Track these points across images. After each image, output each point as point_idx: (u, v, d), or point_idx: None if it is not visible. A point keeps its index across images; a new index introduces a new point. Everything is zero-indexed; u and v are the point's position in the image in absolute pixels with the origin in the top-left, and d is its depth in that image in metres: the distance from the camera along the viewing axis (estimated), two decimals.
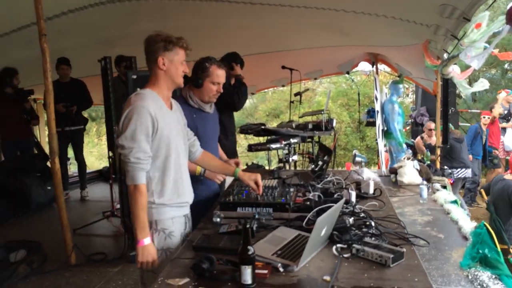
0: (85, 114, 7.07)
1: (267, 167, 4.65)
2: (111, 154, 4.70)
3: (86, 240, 4.61)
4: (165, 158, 2.08)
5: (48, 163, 5.88)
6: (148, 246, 2.00)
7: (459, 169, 7.05)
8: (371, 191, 2.71)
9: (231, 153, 3.70)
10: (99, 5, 4.44)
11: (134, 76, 3.92)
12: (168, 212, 2.12)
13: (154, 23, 5.00)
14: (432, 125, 7.22)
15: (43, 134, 8.65)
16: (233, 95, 3.68)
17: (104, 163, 11.63)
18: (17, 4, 4.16)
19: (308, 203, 2.28)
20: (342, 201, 2.01)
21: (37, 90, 5.99)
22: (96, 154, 15.44)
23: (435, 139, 7.18)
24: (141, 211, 1.98)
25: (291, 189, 2.52)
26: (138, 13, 4.69)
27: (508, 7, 2.51)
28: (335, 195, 2.50)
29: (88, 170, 8.47)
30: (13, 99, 5.84)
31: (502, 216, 5.03)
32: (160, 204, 2.09)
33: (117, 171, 4.32)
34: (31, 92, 6.04)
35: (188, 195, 2.24)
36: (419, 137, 7.38)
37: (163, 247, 2.11)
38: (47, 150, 5.68)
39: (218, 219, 2.26)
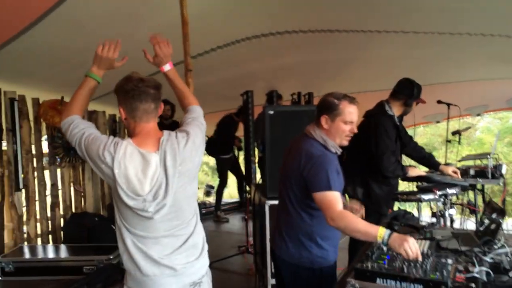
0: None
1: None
2: (247, 188, 4.65)
3: (219, 275, 4.56)
4: None
5: None
6: None
7: None
8: None
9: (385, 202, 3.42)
10: (245, 40, 4.47)
11: (271, 112, 3.47)
12: None
13: (296, 57, 4.88)
14: None
15: None
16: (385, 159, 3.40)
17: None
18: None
19: (474, 285, 1.74)
20: None
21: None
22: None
23: None
24: None
25: (449, 260, 1.98)
26: (280, 47, 4.60)
27: None
28: (511, 273, 1.89)
29: (230, 200, 8.74)
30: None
31: None
32: None
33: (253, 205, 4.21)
34: None
35: None
36: None
37: None
38: None
39: None
